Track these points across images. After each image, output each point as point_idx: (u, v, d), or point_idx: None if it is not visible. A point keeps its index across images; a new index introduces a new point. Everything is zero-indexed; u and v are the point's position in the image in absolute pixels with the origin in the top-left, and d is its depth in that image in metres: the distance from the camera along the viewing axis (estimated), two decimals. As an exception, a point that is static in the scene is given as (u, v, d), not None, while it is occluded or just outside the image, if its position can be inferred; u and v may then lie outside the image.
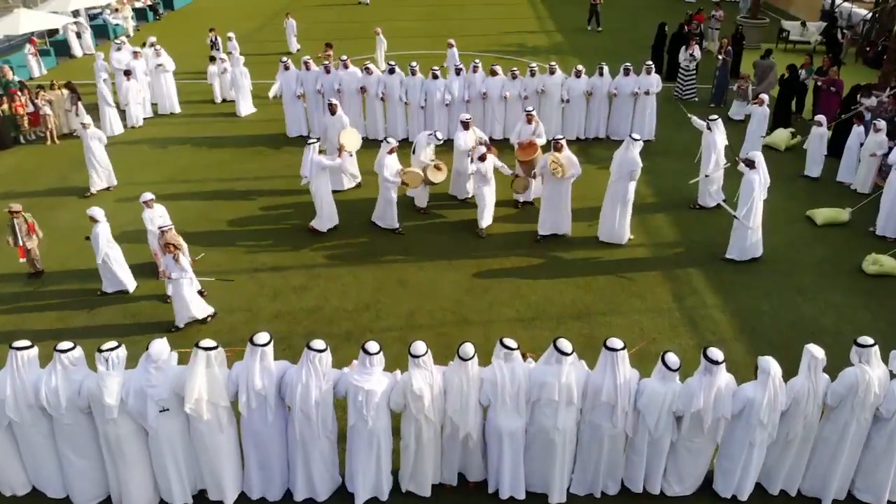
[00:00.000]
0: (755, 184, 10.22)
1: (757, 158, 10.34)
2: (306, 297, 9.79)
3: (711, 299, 9.77)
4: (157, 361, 5.92)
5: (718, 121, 11.99)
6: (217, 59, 17.96)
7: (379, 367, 6.05)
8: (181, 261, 8.87)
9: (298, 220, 11.89)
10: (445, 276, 10.28)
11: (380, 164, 11.05)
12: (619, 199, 10.74)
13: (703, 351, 6.14)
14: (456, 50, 18.77)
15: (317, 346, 6.02)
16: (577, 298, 9.72)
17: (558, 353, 6.02)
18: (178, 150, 15.27)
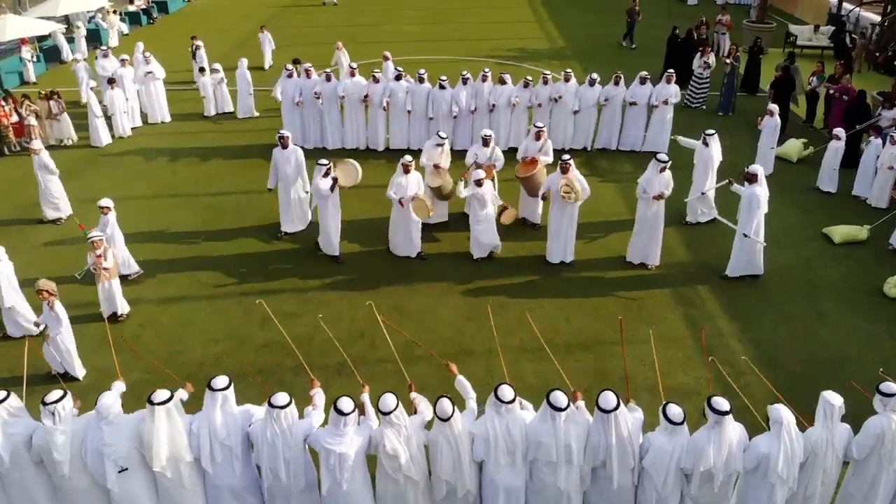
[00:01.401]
0: (760, 198, 9.71)
1: (759, 172, 9.77)
2: (297, 324, 9.23)
3: (727, 326, 9.21)
4: (108, 416, 5.37)
5: (715, 135, 11.44)
6: (208, 70, 17.29)
7: (352, 426, 5.45)
8: (56, 309, 8.05)
9: (290, 240, 11.32)
10: (445, 301, 9.72)
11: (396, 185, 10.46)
12: (653, 220, 10.23)
13: (708, 401, 5.57)
14: (391, 63, 18.01)
15: (279, 401, 5.46)
16: (585, 326, 9.16)
17: (552, 409, 5.45)
18: (167, 162, 14.71)
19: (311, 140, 15.37)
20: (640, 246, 10.41)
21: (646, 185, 10.07)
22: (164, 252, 11.05)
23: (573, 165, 10.07)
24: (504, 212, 10.71)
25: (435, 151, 11.29)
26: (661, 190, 9.98)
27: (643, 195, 10.08)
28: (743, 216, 9.96)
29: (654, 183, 10.01)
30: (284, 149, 10.95)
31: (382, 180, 13.63)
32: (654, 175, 9.99)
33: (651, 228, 10.25)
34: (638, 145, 15.14)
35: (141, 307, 9.64)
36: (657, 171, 9.96)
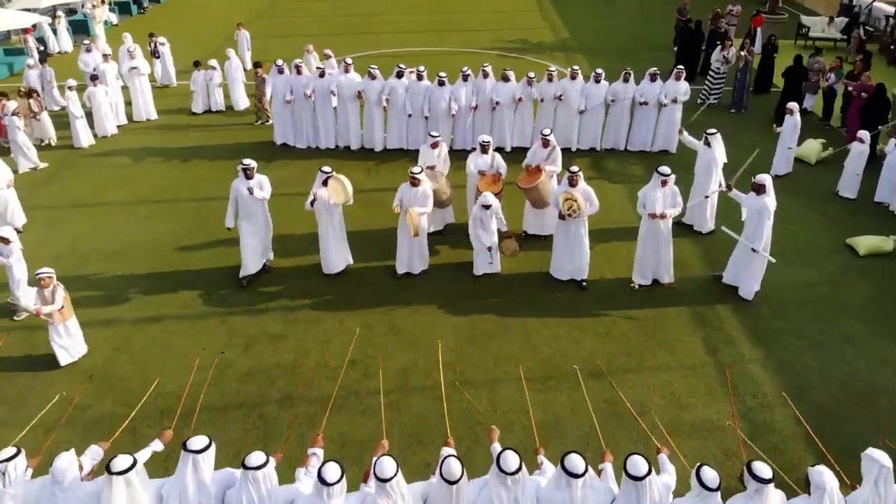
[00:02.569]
0: (770, 210, 9.00)
1: (767, 182, 9.04)
2: (283, 348, 8.52)
3: (749, 351, 8.50)
4: (63, 482, 4.68)
5: (717, 135, 10.73)
6: (202, 64, 16.38)
7: (339, 497, 4.71)
8: None
9: (281, 253, 10.57)
10: (445, 321, 9.00)
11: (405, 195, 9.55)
12: (659, 238, 9.36)
13: (748, 467, 4.83)
14: (314, 56, 17.17)
15: (253, 461, 4.72)
16: (595, 350, 8.45)
17: (568, 475, 4.73)
18: (152, 164, 13.94)
19: (305, 140, 14.63)
20: (647, 266, 9.57)
21: (645, 200, 9.24)
22: (144, 265, 10.32)
23: (582, 178, 9.25)
24: (504, 242, 9.75)
25: (430, 153, 10.51)
26: (662, 208, 9.11)
27: (642, 210, 9.28)
28: (751, 229, 9.18)
29: (655, 199, 9.15)
30: (248, 180, 9.35)
31: (379, 184, 12.96)
32: (654, 189, 9.15)
33: (655, 248, 9.39)
34: (648, 145, 14.39)
35: (116, 329, 8.92)
36: (658, 186, 9.13)
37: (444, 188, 10.20)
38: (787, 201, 12.19)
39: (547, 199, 10.05)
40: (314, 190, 9.36)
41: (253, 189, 9.29)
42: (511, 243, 9.60)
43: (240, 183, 9.37)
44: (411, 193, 9.32)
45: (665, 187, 9.07)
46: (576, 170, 9.15)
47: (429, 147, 10.51)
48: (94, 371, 8.24)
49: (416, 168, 9.36)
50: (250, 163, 9.36)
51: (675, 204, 9.16)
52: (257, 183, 9.41)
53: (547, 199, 10.05)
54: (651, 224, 9.23)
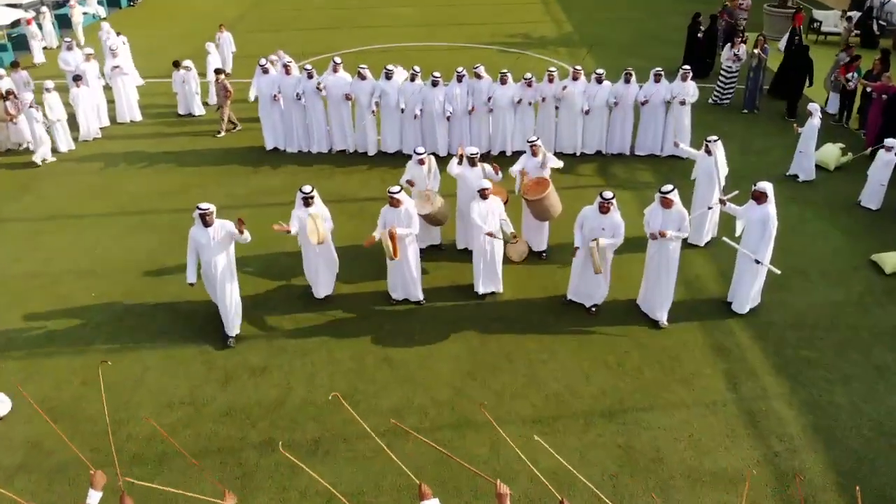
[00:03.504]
0: (775, 220, 8.37)
1: (768, 190, 8.36)
2: (265, 382, 7.82)
3: (773, 385, 7.80)
4: None
5: (718, 142, 9.98)
6: (181, 66, 15.42)
7: None
8: None
9: (264, 273, 9.87)
10: (442, 351, 8.29)
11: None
12: (660, 265, 8.49)
13: None
14: (228, 35, 16.72)
15: None
16: (607, 385, 7.75)
17: None
18: (134, 171, 13.20)
19: (296, 143, 13.89)
20: (649, 294, 8.78)
21: (649, 219, 8.43)
22: (119, 285, 9.62)
23: (615, 206, 8.32)
24: (510, 246, 9.10)
25: (418, 171, 9.68)
26: (663, 227, 8.26)
27: (647, 227, 8.49)
28: (752, 242, 8.48)
29: (656, 217, 8.32)
30: (207, 227, 8.03)
31: (373, 192, 12.24)
32: (657, 210, 8.31)
33: (657, 274, 8.56)
34: (657, 149, 13.64)
35: (86, 360, 8.22)
36: (660, 206, 8.28)
37: (442, 211, 9.48)
38: (805, 212, 11.50)
39: (555, 210, 9.34)
40: (294, 213, 8.56)
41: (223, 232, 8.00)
42: (518, 245, 8.93)
43: (198, 231, 8.02)
44: (393, 215, 8.56)
45: (670, 208, 8.19)
46: (609, 196, 8.24)
47: (416, 163, 9.69)
48: (62, 409, 7.56)
49: (395, 187, 8.53)
50: (208, 207, 7.89)
51: (680, 227, 8.23)
52: (220, 227, 8.00)
53: (555, 210, 9.34)
54: (654, 247, 8.45)
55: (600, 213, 8.23)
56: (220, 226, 8.00)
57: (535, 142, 9.69)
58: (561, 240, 10.19)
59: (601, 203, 8.20)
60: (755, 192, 8.45)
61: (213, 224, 7.93)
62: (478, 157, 9.53)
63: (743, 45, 15.73)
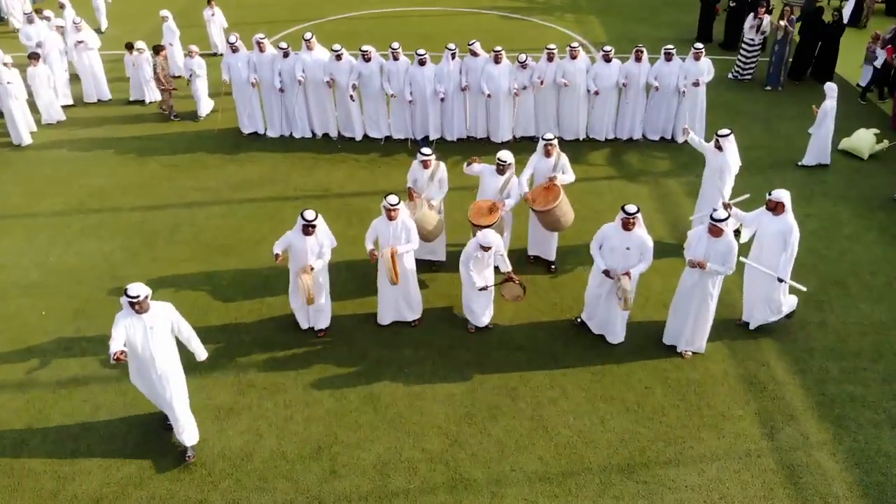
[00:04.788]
0: (797, 233, 7.27)
1: (785, 199, 7.25)
2: (232, 428, 6.77)
3: (814, 430, 6.77)
4: None
5: (731, 137, 8.73)
6: (134, 48, 13.70)
7: None
8: None
9: (240, 291, 8.74)
10: (436, 387, 7.22)
11: None
12: (691, 298, 7.29)
13: None
14: (172, 23, 14.94)
15: None
16: (626, 432, 6.72)
17: None
18: (98, 159, 11.95)
19: (277, 127, 12.63)
20: (677, 326, 7.56)
21: (692, 244, 7.15)
22: (72, 301, 8.52)
23: (641, 221, 7.14)
24: (507, 285, 7.57)
25: (420, 173, 8.41)
26: (706, 257, 6.96)
27: (687, 254, 7.21)
28: (769, 256, 7.36)
29: (699, 244, 7.05)
30: (140, 313, 5.89)
31: (361, 185, 11.07)
32: (704, 233, 7.05)
33: (688, 308, 7.32)
34: (669, 132, 12.40)
35: (31, 398, 7.16)
36: (707, 233, 6.96)
37: (427, 220, 8.05)
38: (839, 209, 10.36)
39: (566, 221, 8.19)
40: (288, 234, 7.29)
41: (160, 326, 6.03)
42: (514, 288, 7.59)
43: (127, 317, 5.91)
44: (388, 229, 7.41)
45: (718, 237, 6.93)
46: (633, 210, 7.00)
47: (419, 165, 8.38)
48: None
49: (393, 197, 7.33)
50: (138, 293, 5.78)
51: (724, 261, 6.98)
52: (159, 313, 6.04)
53: (566, 221, 8.19)
54: (692, 277, 7.21)
55: (623, 230, 7.06)
56: (158, 312, 6.01)
57: (550, 140, 8.38)
58: (571, 242, 9.09)
59: (624, 219, 7.01)
60: (771, 203, 7.29)
61: (147, 311, 5.93)
62: (507, 165, 8.17)
63: (767, 16, 14.35)
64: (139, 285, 5.84)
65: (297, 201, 10.56)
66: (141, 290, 5.80)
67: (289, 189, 10.93)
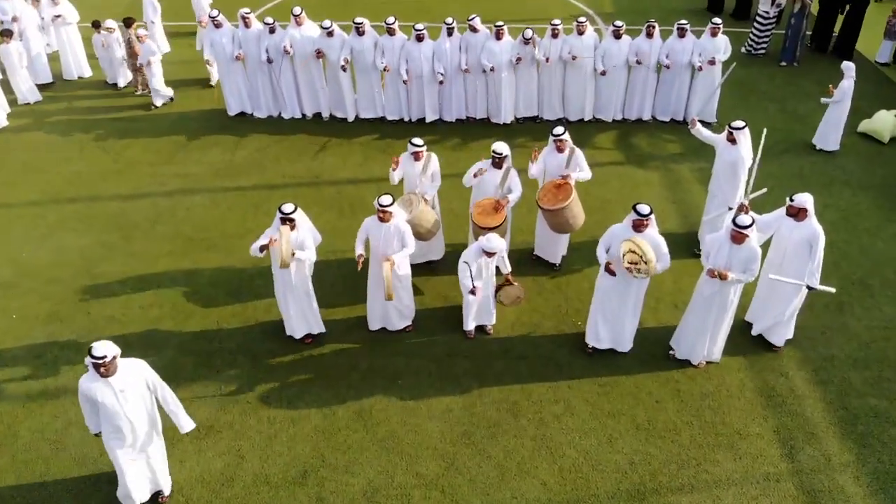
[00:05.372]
0: (822, 238, 6.63)
1: (809, 205, 6.61)
2: (211, 448, 6.30)
3: (837, 452, 6.29)
4: None
5: (745, 129, 7.86)
6: (102, 27, 12.69)
7: None
8: None
9: (219, 287, 8.20)
10: (432, 401, 6.73)
11: None
12: (710, 308, 6.72)
13: None
14: None
15: None
16: (636, 453, 6.25)
17: None
18: (76, 143, 11.31)
19: (264, 107, 11.96)
20: (690, 338, 7.01)
21: (711, 251, 6.53)
22: (45, 302, 7.99)
23: (654, 222, 6.55)
24: (505, 289, 7.15)
25: (411, 166, 7.75)
26: (728, 265, 6.38)
27: (706, 261, 6.60)
28: (795, 264, 6.74)
29: (721, 251, 6.45)
30: (107, 376, 5.07)
31: (353, 172, 10.45)
32: (725, 240, 6.43)
33: (705, 316, 6.74)
34: (681, 113, 11.74)
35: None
36: (728, 239, 6.37)
37: (425, 217, 7.46)
38: (859, 199, 9.78)
39: (576, 222, 7.61)
40: (270, 234, 6.66)
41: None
42: (512, 290, 7.09)
43: (95, 386, 5.11)
44: (380, 232, 6.83)
45: (741, 244, 6.33)
46: (647, 211, 6.37)
47: (410, 158, 7.74)
48: (-43, 484, 6.09)
49: (386, 198, 6.71)
50: (104, 353, 4.96)
51: (746, 268, 6.41)
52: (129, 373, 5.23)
53: (576, 222, 7.61)
54: (710, 286, 6.62)
55: (635, 231, 6.50)
56: (129, 372, 5.18)
57: (561, 136, 7.67)
58: (578, 239, 8.55)
59: (637, 221, 6.42)
60: (792, 209, 6.62)
61: (115, 373, 5.09)
62: (504, 157, 7.53)
63: (785, -14, 13.59)
64: (106, 344, 5.00)
65: (285, 189, 9.97)
66: (108, 351, 4.97)
67: (276, 176, 10.32)
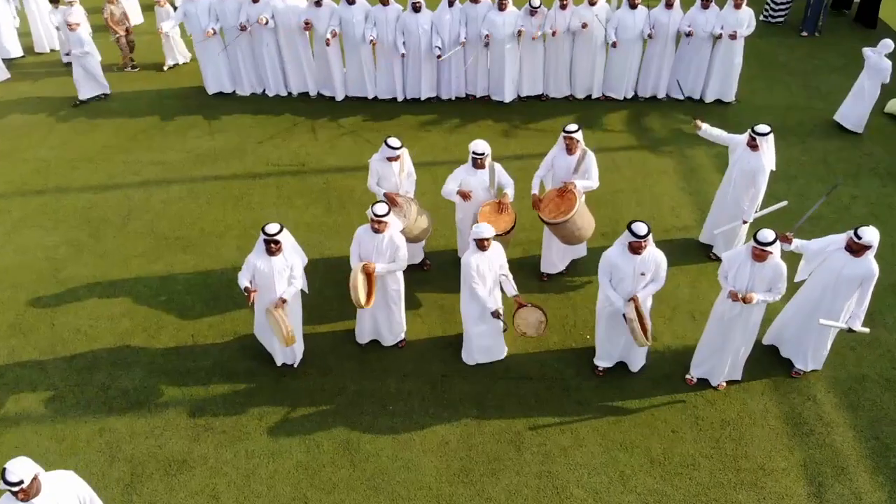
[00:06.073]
0: (876, 275, 5.87)
1: (875, 241, 5.75)
2: (183, 487, 5.71)
3: (869, 489, 5.70)
4: None
5: (770, 136, 6.86)
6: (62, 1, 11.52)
7: None
8: None
9: (195, 293, 7.52)
10: (425, 432, 6.11)
11: None
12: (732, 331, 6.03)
13: None
14: None
15: None
16: (651, 492, 5.65)
17: None
18: (45, 126, 10.50)
19: (247, 84, 11.12)
20: (708, 360, 6.36)
21: (728, 268, 5.85)
22: (7, 312, 7.32)
23: (651, 241, 5.78)
24: (520, 314, 6.14)
25: (387, 169, 6.97)
26: (751, 286, 5.74)
27: (724, 281, 5.93)
28: (839, 300, 6.02)
29: (742, 270, 5.77)
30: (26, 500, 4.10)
31: (343, 159, 9.69)
32: (746, 257, 5.74)
33: (725, 340, 6.09)
34: (698, 91, 10.92)
35: (-53, 440, 6.12)
36: (750, 257, 5.68)
37: (419, 223, 6.83)
38: (889, 189, 9.06)
39: (585, 233, 6.85)
40: (250, 259, 5.96)
41: None
42: (531, 314, 6.12)
43: None
44: (372, 244, 6.14)
45: (763, 261, 5.64)
46: (643, 232, 5.61)
47: (384, 161, 6.90)
48: None
49: (381, 206, 5.99)
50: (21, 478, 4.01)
51: (772, 287, 5.76)
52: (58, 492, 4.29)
53: (585, 233, 6.85)
54: (731, 309, 5.93)
55: (632, 253, 5.77)
56: (55, 492, 4.27)
57: (572, 134, 6.77)
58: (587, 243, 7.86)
59: (633, 243, 5.66)
60: (854, 244, 5.77)
61: (37, 495, 4.17)
62: (485, 157, 6.74)
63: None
64: (22, 465, 4.07)
65: (267, 179, 9.24)
66: (24, 473, 4.04)
67: (259, 163, 9.56)
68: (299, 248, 6.30)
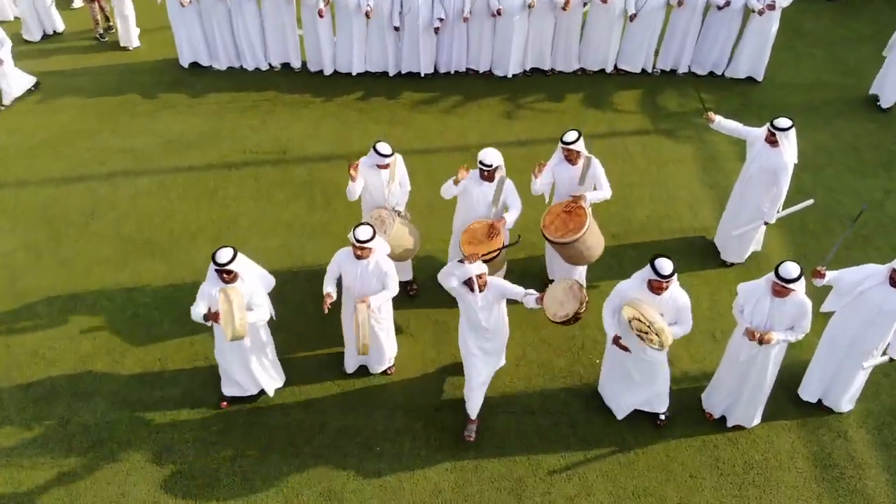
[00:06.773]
0: None
1: None
2: (151, 544, 5.19)
3: (909, 537, 5.22)
4: None
5: (792, 130, 6.13)
6: None
7: None
8: None
9: (163, 308, 6.82)
10: (415, 477, 5.49)
11: None
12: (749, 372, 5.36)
13: None
14: None
15: None
16: (662, 547, 5.14)
17: None
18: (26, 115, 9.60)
19: (223, 57, 10.15)
20: (723, 397, 5.70)
21: (745, 304, 5.17)
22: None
23: (676, 281, 5.03)
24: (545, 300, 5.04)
25: (375, 176, 6.13)
26: (770, 324, 5.06)
27: (740, 316, 5.25)
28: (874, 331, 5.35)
29: (760, 306, 5.07)
30: None
31: (328, 145, 8.84)
32: (765, 291, 5.03)
33: (739, 381, 5.47)
34: (722, 66, 9.98)
35: None
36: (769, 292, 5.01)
37: (403, 237, 6.06)
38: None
39: (591, 255, 6.06)
40: (204, 288, 5.29)
41: None
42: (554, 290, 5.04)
43: None
44: (356, 270, 5.41)
45: (783, 297, 4.94)
46: (668, 272, 4.84)
47: (373, 168, 6.07)
48: None
49: (364, 231, 5.20)
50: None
51: (795, 325, 5.08)
52: None
53: (591, 255, 6.06)
54: (748, 348, 5.24)
55: (652, 293, 5.03)
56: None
57: (570, 144, 5.93)
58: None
59: (654, 282, 4.93)
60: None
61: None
62: (494, 169, 5.86)
63: None
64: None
65: (244, 170, 8.45)
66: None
67: (236, 150, 8.74)
68: (263, 271, 5.60)
